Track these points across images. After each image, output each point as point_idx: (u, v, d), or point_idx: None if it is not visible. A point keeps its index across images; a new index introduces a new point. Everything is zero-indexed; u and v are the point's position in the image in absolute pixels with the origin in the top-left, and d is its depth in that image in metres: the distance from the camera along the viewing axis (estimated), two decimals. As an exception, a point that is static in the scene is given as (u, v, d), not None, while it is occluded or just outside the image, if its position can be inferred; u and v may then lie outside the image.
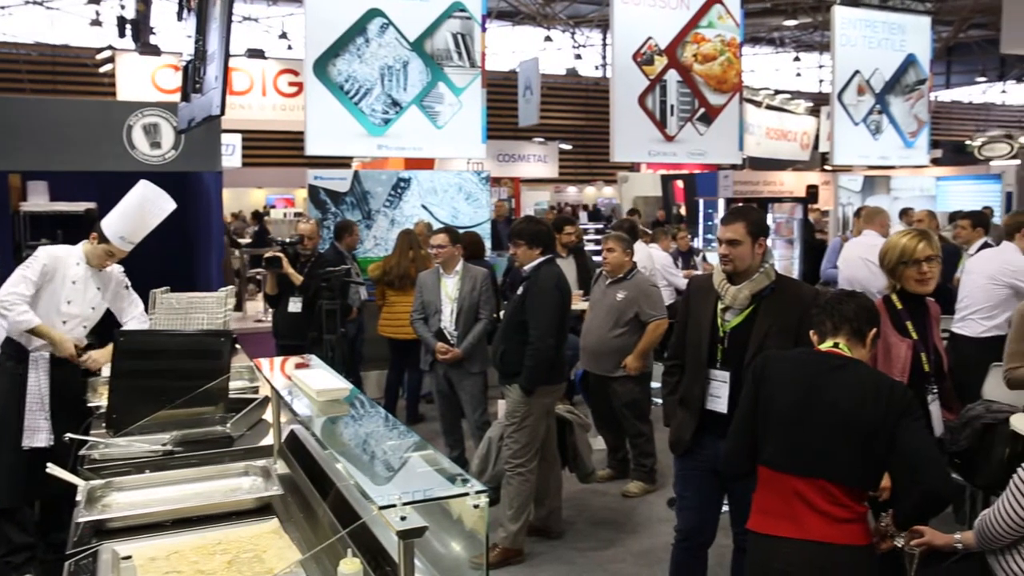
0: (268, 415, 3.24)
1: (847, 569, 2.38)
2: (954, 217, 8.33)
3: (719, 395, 3.16)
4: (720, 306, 3.18)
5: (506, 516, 4.38)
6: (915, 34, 11.34)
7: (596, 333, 5.41)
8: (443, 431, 5.57)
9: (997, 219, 10.01)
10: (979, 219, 6.86)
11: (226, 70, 4.65)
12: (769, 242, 9.43)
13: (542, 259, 4.38)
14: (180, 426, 3.12)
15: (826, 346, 2.57)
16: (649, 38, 9.16)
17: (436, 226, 7.11)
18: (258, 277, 8.81)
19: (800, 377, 2.51)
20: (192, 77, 5.26)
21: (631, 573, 4.34)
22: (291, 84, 13.15)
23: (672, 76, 9.30)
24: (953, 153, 18.85)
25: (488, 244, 8.41)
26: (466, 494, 1.65)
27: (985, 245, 6.55)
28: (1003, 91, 34.65)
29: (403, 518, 1.55)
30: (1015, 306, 4.95)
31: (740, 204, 5.08)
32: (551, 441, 4.64)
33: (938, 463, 2.42)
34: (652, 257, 6.98)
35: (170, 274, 5.37)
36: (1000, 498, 2.62)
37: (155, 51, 12.74)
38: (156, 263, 5.13)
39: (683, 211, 13.73)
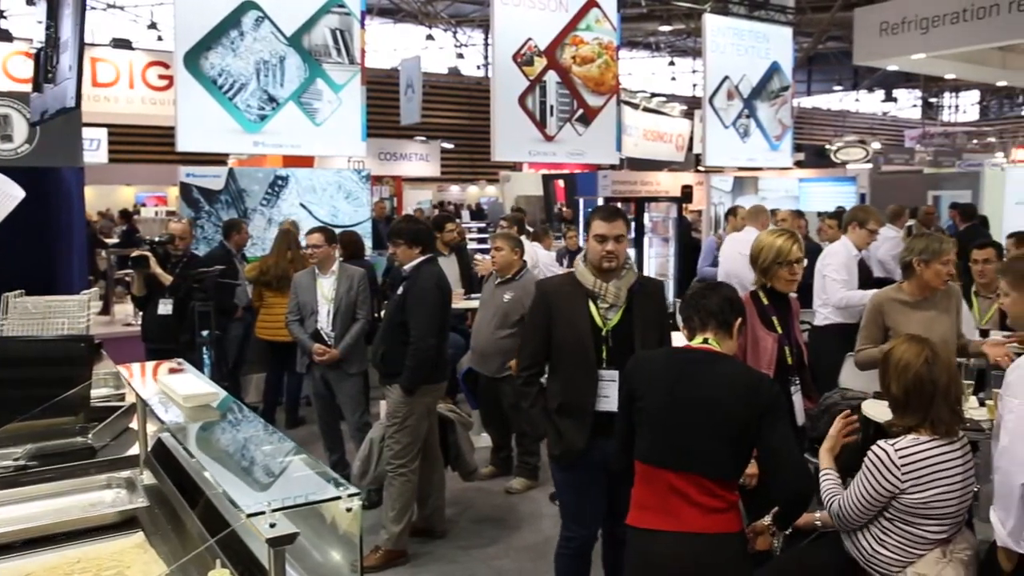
0: (136, 423, 3.09)
1: (722, 556, 2.43)
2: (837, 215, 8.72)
3: (609, 395, 3.15)
4: (602, 305, 3.19)
5: (388, 518, 4.34)
6: (778, 43, 11.92)
7: (484, 333, 5.42)
8: (322, 434, 5.47)
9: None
10: (841, 218, 7.26)
11: (81, 59, 4.39)
12: (646, 241, 9.76)
13: (422, 258, 4.35)
14: (36, 438, 2.91)
15: (696, 342, 2.60)
16: (529, 39, 9.26)
17: (313, 225, 6.95)
18: (127, 279, 8.40)
19: (670, 374, 2.53)
20: (44, 66, 4.95)
21: (515, 569, 4.38)
22: (161, 77, 12.59)
23: (551, 77, 9.43)
24: (814, 156, 19.92)
25: (369, 243, 8.30)
26: (338, 497, 1.62)
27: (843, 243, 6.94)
28: (857, 99, 36.88)
29: (272, 525, 1.51)
30: (841, 292, 5.30)
31: (608, 204, 5.19)
32: (433, 440, 4.62)
33: (795, 465, 2.45)
34: (536, 255, 7.06)
35: (26, 276, 5.04)
36: (853, 480, 2.78)
37: (6, 36, 11.94)
38: (11, 265, 4.82)
39: (565, 210, 13.94)
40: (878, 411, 3.47)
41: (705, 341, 2.59)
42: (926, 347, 2.84)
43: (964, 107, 39.20)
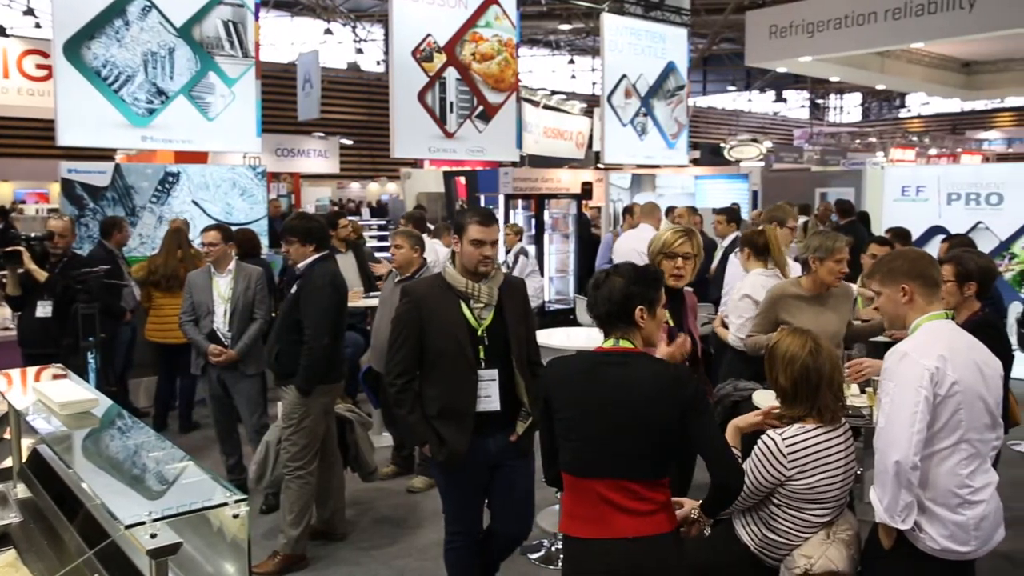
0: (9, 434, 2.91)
1: (657, 557, 2.39)
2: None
3: (491, 394, 3.17)
4: (476, 306, 3.20)
5: (286, 521, 4.24)
6: (674, 44, 12.23)
7: (385, 332, 5.30)
8: (219, 438, 5.31)
9: (745, 215, 11.00)
10: (732, 215, 7.50)
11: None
12: (546, 237, 9.83)
13: (316, 256, 4.26)
14: None
15: (608, 343, 2.50)
16: (428, 35, 9.21)
17: (206, 223, 6.73)
18: (2, 279, 7.94)
19: (584, 379, 2.44)
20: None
21: (417, 568, 4.34)
22: (39, 67, 11.93)
23: (451, 74, 9.41)
24: (710, 154, 20.51)
25: (265, 242, 8.10)
26: (224, 504, 1.57)
27: (737, 238, 7.16)
28: (749, 100, 38.22)
29: (153, 536, 1.45)
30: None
31: (482, 207, 5.19)
32: (331, 441, 4.54)
33: (724, 457, 2.42)
34: (436, 252, 7.01)
35: None
36: (744, 465, 2.88)
37: None
38: None
39: (466, 208, 13.93)
40: (768, 401, 3.60)
41: (617, 341, 2.48)
42: (809, 338, 2.96)
43: (848, 108, 41.13)
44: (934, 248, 6.95)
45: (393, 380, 3.25)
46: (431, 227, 8.61)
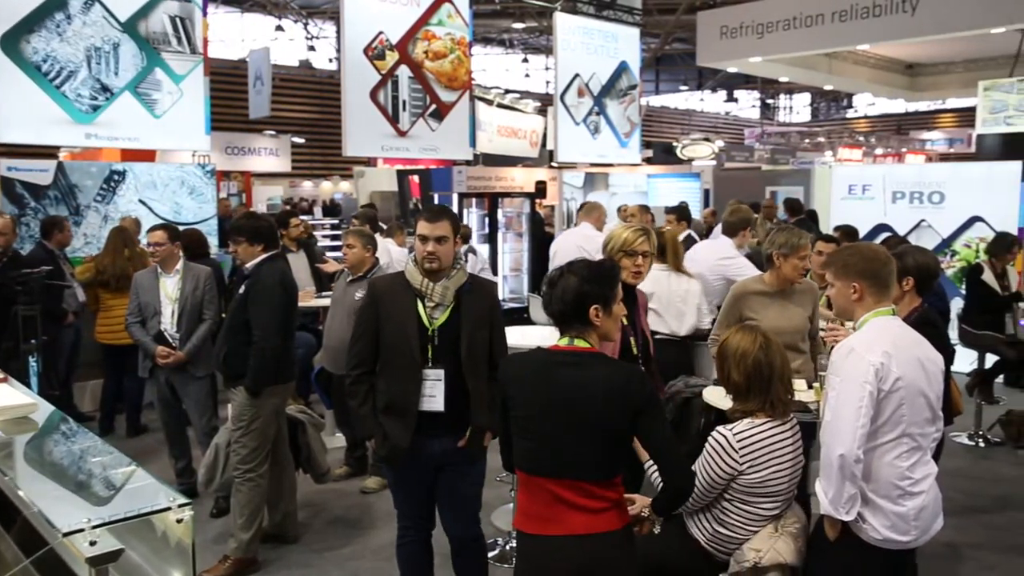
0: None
1: (609, 554, 2.41)
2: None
3: (435, 394, 3.16)
4: (429, 304, 3.18)
5: (237, 525, 4.18)
6: (626, 43, 12.30)
7: (337, 332, 5.29)
8: (167, 441, 5.21)
9: (696, 214, 11.13)
10: (682, 214, 7.57)
11: None
12: (500, 235, 9.85)
13: (265, 256, 4.21)
14: None
15: (564, 342, 2.48)
16: (380, 32, 9.14)
17: (154, 222, 6.60)
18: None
19: (538, 378, 2.43)
20: None
21: (371, 569, 4.32)
22: (-23, 62, 11.57)
23: (404, 72, 9.35)
24: (663, 153, 20.71)
25: (215, 241, 7.97)
26: (168, 508, 1.53)
27: (688, 237, 7.24)
28: (701, 99, 38.66)
29: (93, 543, 1.41)
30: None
31: (436, 204, 5.18)
32: (282, 443, 4.49)
33: (675, 459, 2.42)
34: (389, 252, 6.97)
35: None
36: (695, 464, 2.91)
37: None
38: None
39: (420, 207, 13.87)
40: (719, 398, 3.64)
41: (572, 340, 2.47)
42: (758, 333, 3.00)
43: (797, 109, 41.82)
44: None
45: (349, 371, 3.29)
46: (383, 226, 8.57)
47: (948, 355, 3.55)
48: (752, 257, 6.38)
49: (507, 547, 4.36)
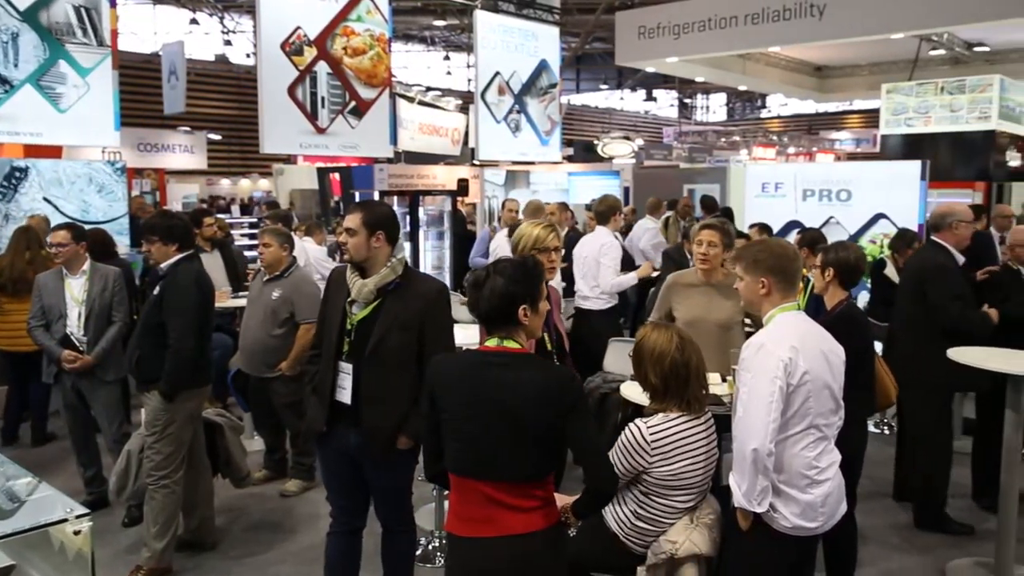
0: None
1: (543, 552, 2.42)
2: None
3: (345, 386, 3.20)
4: (350, 299, 3.20)
5: (150, 534, 4.06)
6: (546, 42, 12.39)
7: (253, 333, 5.19)
8: (75, 449, 5.02)
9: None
10: (603, 211, 7.65)
11: None
12: (421, 233, 9.80)
13: (180, 256, 4.09)
14: None
15: (493, 343, 2.46)
16: (298, 28, 9.00)
17: (61, 221, 6.34)
18: None
19: (467, 380, 2.42)
20: None
21: (292, 573, 4.25)
22: None
23: (322, 68, 9.23)
24: (584, 151, 20.93)
25: (127, 241, 7.73)
26: (64, 520, 1.48)
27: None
28: (621, 98, 39.23)
29: (-15, 559, 1.35)
30: (609, 278, 5.71)
31: (366, 199, 5.13)
32: (199, 447, 4.38)
33: (600, 461, 2.44)
34: (306, 251, 6.86)
35: None
36: (610, 454, 2.95)
37: None
38: None
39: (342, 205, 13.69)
40: (637, 393, 3.70)
41: (501, 341, 2.45)
42: (673, 332, 3.05)
43: (714, 108, 42.82)
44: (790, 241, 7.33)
45: (310, 351, 3.50)
46: (302, 226, 8.42)
47: (869, 348, 3.70)
48: (669, 254, 6.53)
49: (430, 547, 4.35)
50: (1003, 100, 12.94)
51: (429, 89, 20.14)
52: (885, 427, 6.56)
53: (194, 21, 22.66)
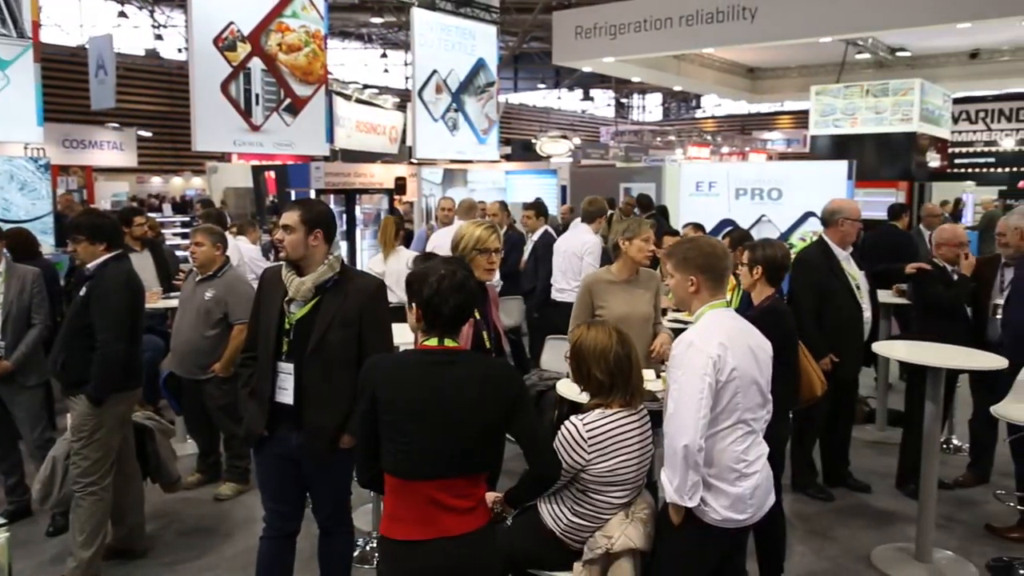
0: None
1: (481, 551, 2.44)
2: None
3: (286, 387, 3.15)
4: (287, 298, 3.16)
5: (77, 543, 3.93)
6: (484, 41, 12.41)
7: (186, 334, 5.08)
8: (-6, 457, 4.84)
9: (554, 210, 11.36)
10: (540, 209, 7.68)
11: None
12: (358, 232, 9.71)
13: (108, 256, 3.98)
14: None
15: (433, 343, 2.45)
16: (231, 23, 8.84)
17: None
18: None
19: (415, 381, 2.41)
20: None
21: (225, 579, 4.19)
22: None
23: (256, 64, 9.08)
24: (522, 150, 21.01)
25: (51, 240, 7.49)
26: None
27: (545, 232, 7.37)
28: (559, 97, 39.49)
29: None
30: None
31: (306, 197, 5.08)
32: (128, 453, 4.26)
33: (546, 449, 2.52)
34: (239, 250, 6.74)
35: None
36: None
37: None
38: None
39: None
40: (572, 390, 3.74)
41: (441, 340, 2.45)
42: (609, 327, 3.09)
43: (650, 108, 43.41)
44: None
45: (242, 354, 3.43)
46: (235, 225, 8.28)
47: (791, 342, 3.80)
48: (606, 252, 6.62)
49: (368, 547, 4.32)
50: (923, 103, 13.42)
51: (366, 87, 19.96)
52: (814, 420, 6.76)
53: (123, 14, 22.05)
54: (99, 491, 3.95)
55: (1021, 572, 4.20)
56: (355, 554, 4.24)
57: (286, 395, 3.15)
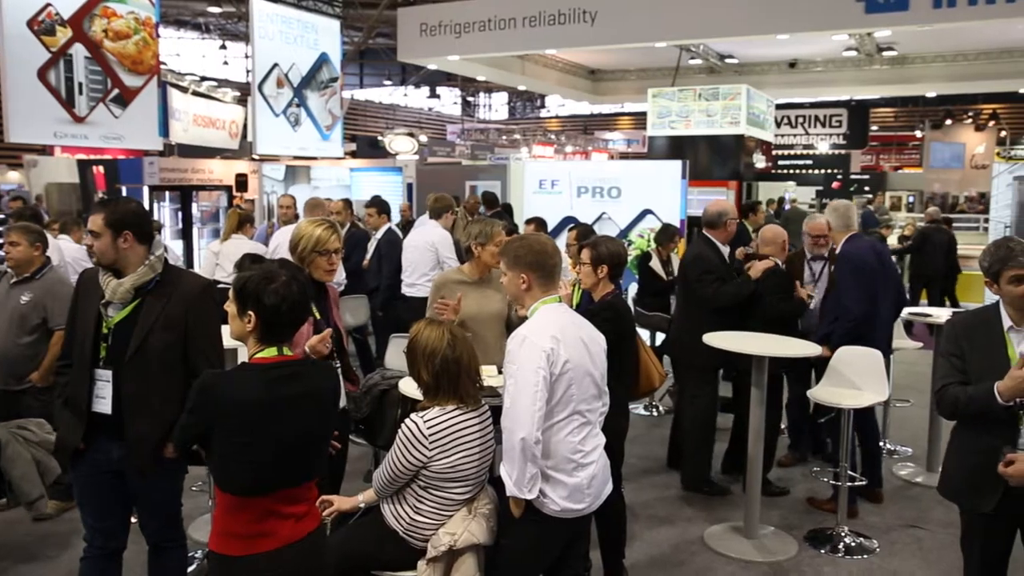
0: None
1: (314, 553, 2.45)
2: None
3: (104, 396, 2.98)
4: (105, 301, 3.00)
5: None
6: (327, 35, 12.19)
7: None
8: None
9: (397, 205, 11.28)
10: (382, 207, 7.62)
11: None
12: (196, 231, 9.31)
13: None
14: None
15: (271, 353, 2.41)
16: (48, 5, 8.27)
17: None
18: None
19: (263, 397, 2.35)
20: None
21: (47, 603, 3.92)
22: None
23: (79, 51, 8.54)
24: (368, 147, 20.74)
25: None
26: None
27: (389, 229, 7.33)
28: (405, 95, 39.26)
29: None
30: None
31: (111, 198, 4.80)
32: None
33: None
34: (61, 250, 6.30)
35: None
36: (389, 452, 2.98)
37: None
38: None
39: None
40: (414, 389, 3.74)
41: (280, 350, 2.42)
42: (445, 329, 3.11)
43: (496, 107, 43.88)
44: (564, 236, 7.69)
45: (57, 361, 3.31)
46: (57, 223, 7.73)
47: (627, 336, 3.95)
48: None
49: (206, 561, 4.16)
50: (750, 108, 14.30)
51: (204, 79, 19.09)
52: (654, 409, 7.07)
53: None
54: None
55: (832, 536, 4.58)
56: (191, 568, 4.09)
57: (104, 404, 2.98)
